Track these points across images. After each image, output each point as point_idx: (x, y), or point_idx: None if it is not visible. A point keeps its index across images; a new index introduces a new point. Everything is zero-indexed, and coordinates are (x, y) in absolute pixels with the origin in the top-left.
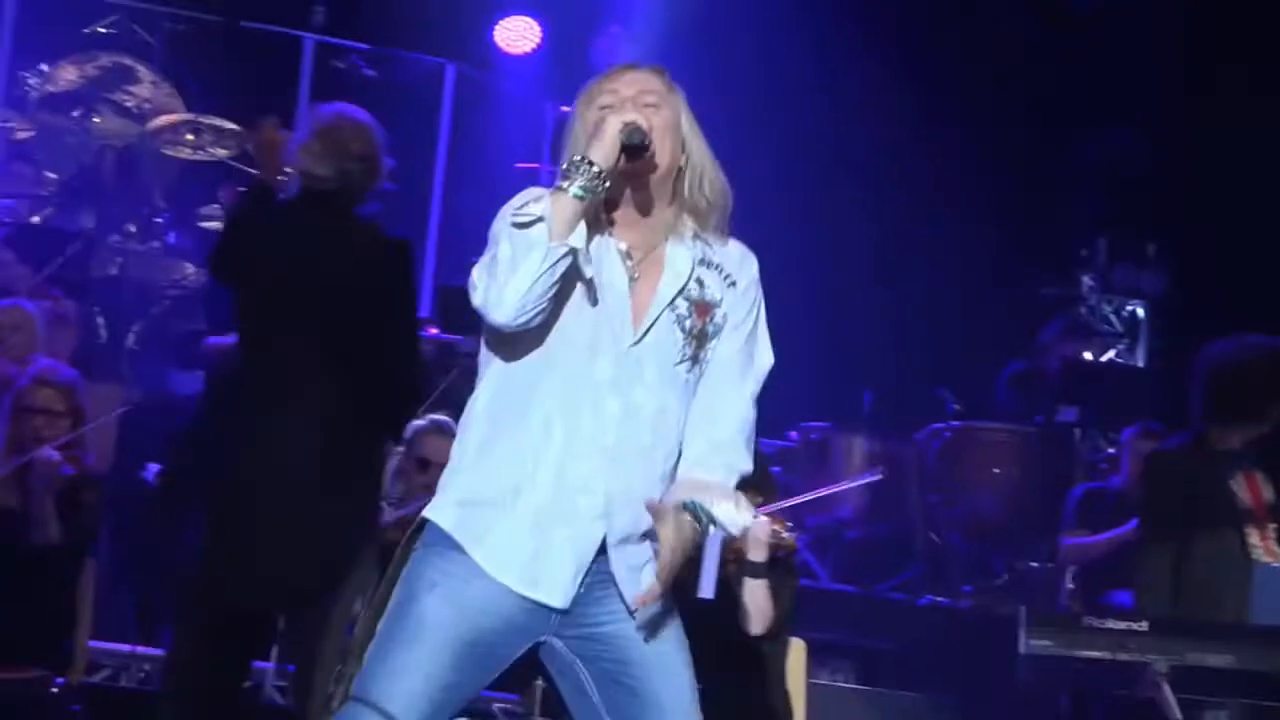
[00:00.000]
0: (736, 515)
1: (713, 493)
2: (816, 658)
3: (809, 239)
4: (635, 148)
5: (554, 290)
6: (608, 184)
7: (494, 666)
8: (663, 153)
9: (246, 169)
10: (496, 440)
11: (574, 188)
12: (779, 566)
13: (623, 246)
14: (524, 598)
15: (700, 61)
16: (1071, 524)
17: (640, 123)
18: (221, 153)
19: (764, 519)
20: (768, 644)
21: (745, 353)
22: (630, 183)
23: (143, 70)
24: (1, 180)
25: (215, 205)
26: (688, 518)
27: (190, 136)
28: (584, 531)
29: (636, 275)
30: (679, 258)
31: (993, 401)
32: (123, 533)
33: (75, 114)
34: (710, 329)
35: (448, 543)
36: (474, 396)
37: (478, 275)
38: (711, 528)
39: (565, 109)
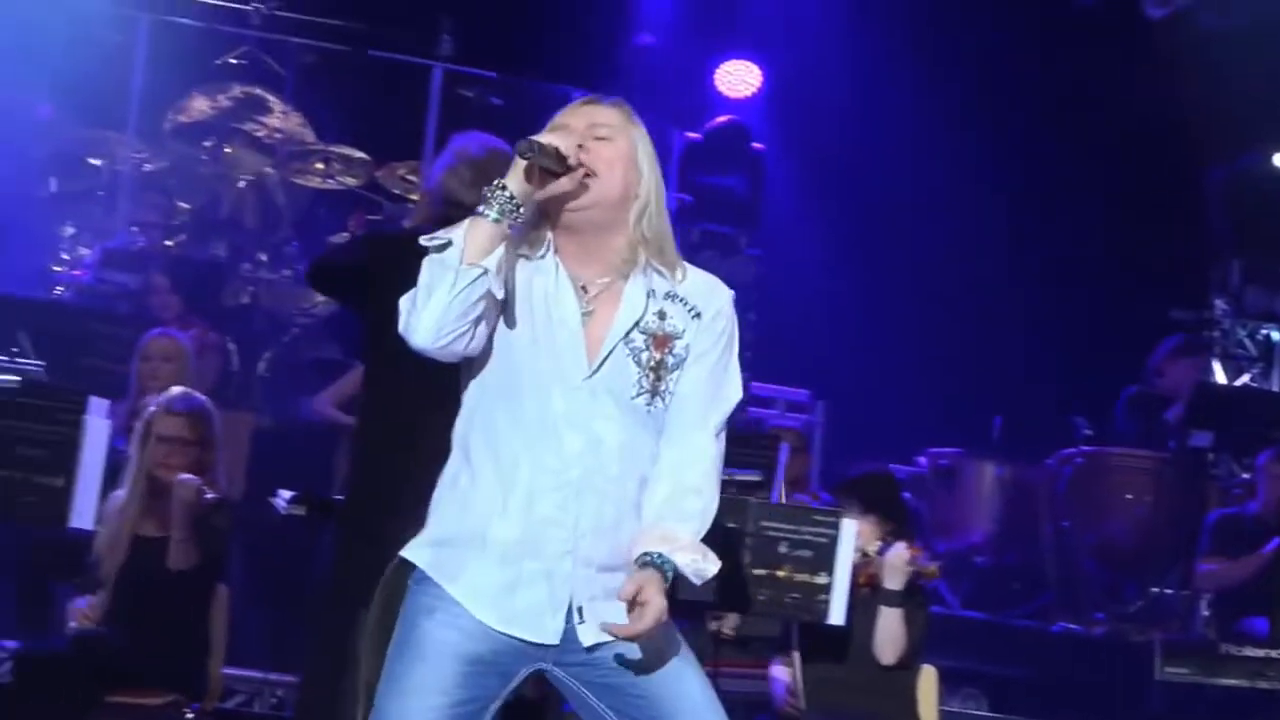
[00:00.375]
0: (702, 566)
1: (678, 544)
2: (948, 685)
3: (938, 263)
4: (542, 165)
5: (474, 313)
6: (521, 209)
7: (502, 686)
8: (611, 182)
9: (374, 197)
10: (469, 476)
11: (490, 212)
12: (915, 596)
13: (578, 281)
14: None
15: (831, 88)
16: (1206, 550)
17: (552, 143)
18: (351, 181)
19: (902, 547)
20: (900, 671)
21: (711, 385)
22: (581, 215)
23: (274, 100)
24: (136, 210)
25: (344, 233)
26: (651, 573)
27: (320, 165)
28: (555, 566)
29: (591, 309)
30: (635, 291)
31: (1119, 421)
32: (254, 559)
33: (207, 144)
34: (670, 360)
35: (434, 579)
36: (455, 430)
37: (403, 302)
38: (686, 578)
39: (692, 135)
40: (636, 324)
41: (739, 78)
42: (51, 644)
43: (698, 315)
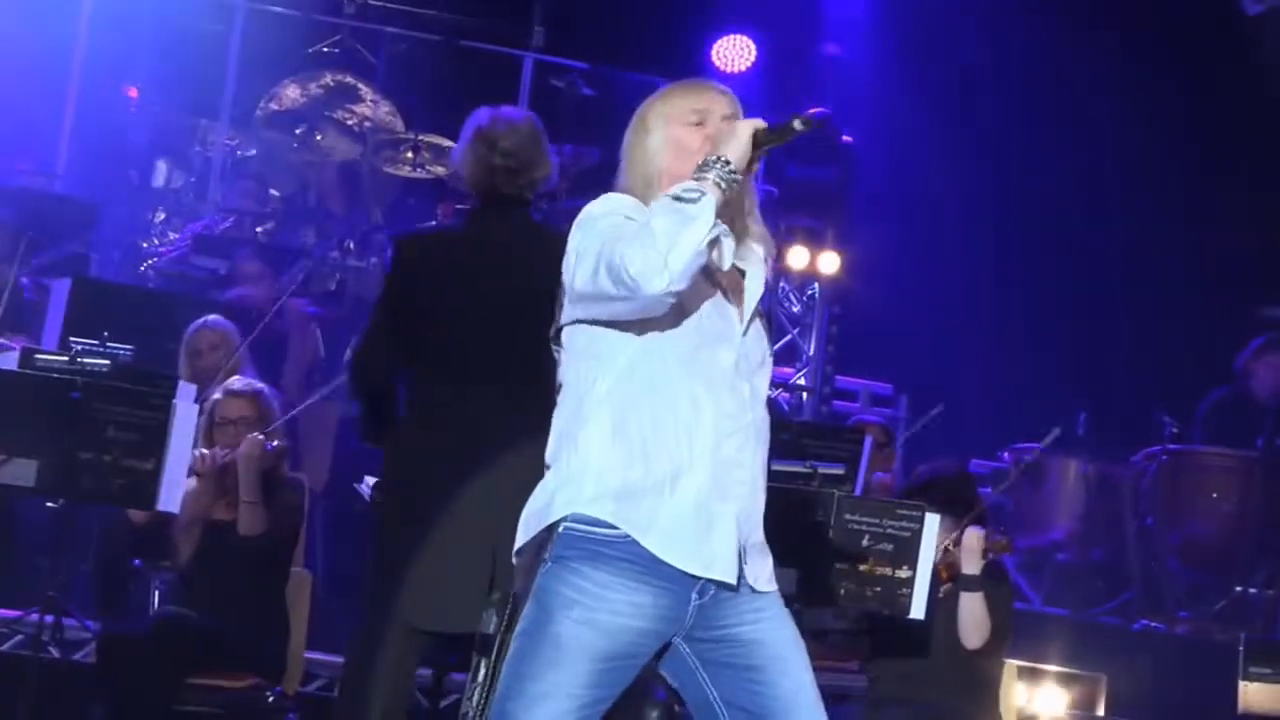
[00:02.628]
0: None
1: None
2: (1028, 681)
3: (1025, 258)
4: (785, 130)
5: (701, 265)
6: (738, 182)
7: (629, 675)
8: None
9: (463, 187)
10: (636, 429)
11: (723, 186)
12: (993, 577)
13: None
14: (667, 593)
15: (920, 77)
16: None
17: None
18: (440, 170)
19: (975, 530)
20: (984, 662)
21: None
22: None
23: (364, 89)
24: (227, 196)
25: (433, 222)
26: None
27: (409, 154)
28: (739, 507)
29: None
30: (757, 258)
31: (1205, 425)
32: (339, 545)
33: (298, 132)
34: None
35: (579, 555)
36: (586, 384)
37: (627, 252)
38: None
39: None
40: (765, 293)
41: (829, 71)
42: (134, 626)
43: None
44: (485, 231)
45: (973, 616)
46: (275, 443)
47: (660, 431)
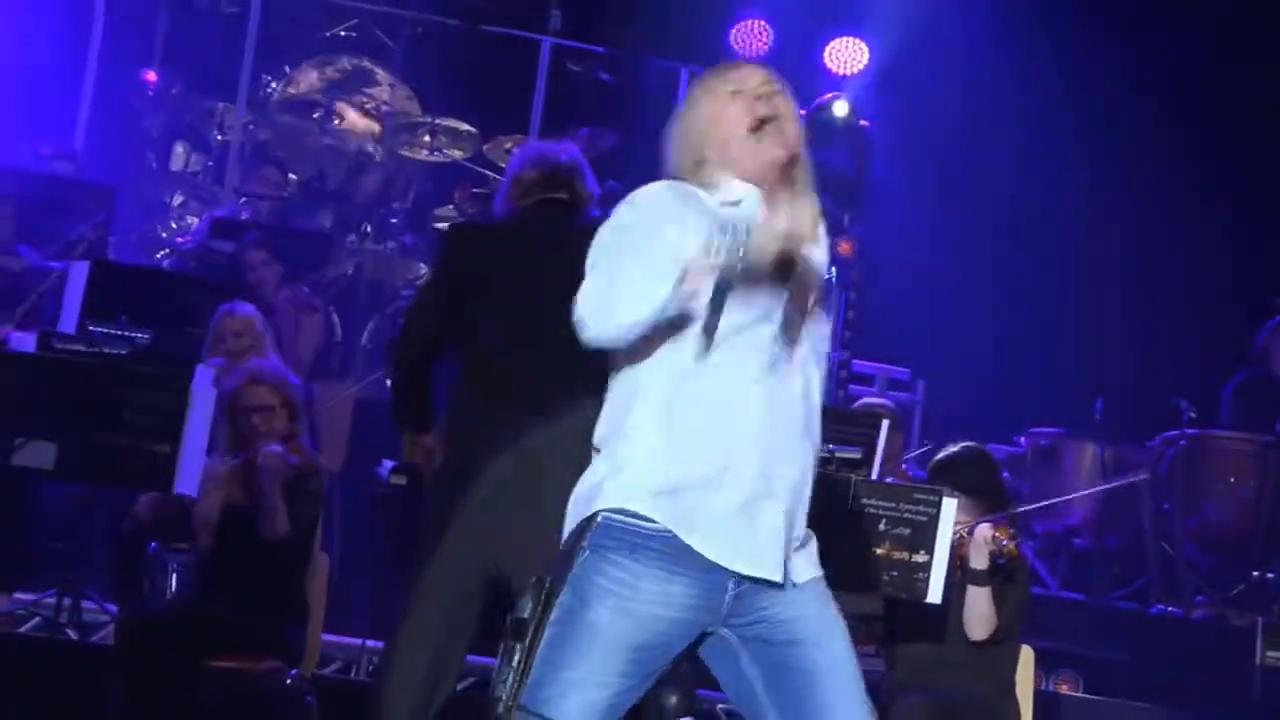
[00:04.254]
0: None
1: None
2: (1044, 666)
3: (1043, 242)
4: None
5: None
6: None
7: (663, 665)
8: (792, 135)
9: (481, 170)
10: (684, 423)
11: (725, 251)
12: (1000, 574)
13: None
14: (701, 586)
15: (939, 66)
16: None
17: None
18: (457, 154)
19: (985, 526)
20: (999, 649)
21: None
22: (777, 171)
23: (381, 73)
24: (244, 180)
25: (450, 206)
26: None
27: (427, 138)
28: (787, 504)
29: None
30: (817, 242)
31: (1233, 407)
32: (356, 528)
33: (315, 116)
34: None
35: (618, 545)
36: (638, 372)
37: (586, 286)
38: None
39: (800, 111)
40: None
41: (848, 55)
42: (153, 609)
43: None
44: (541, 222)
45: (975, 610)
46: (294, 459)
47: (707, 425)
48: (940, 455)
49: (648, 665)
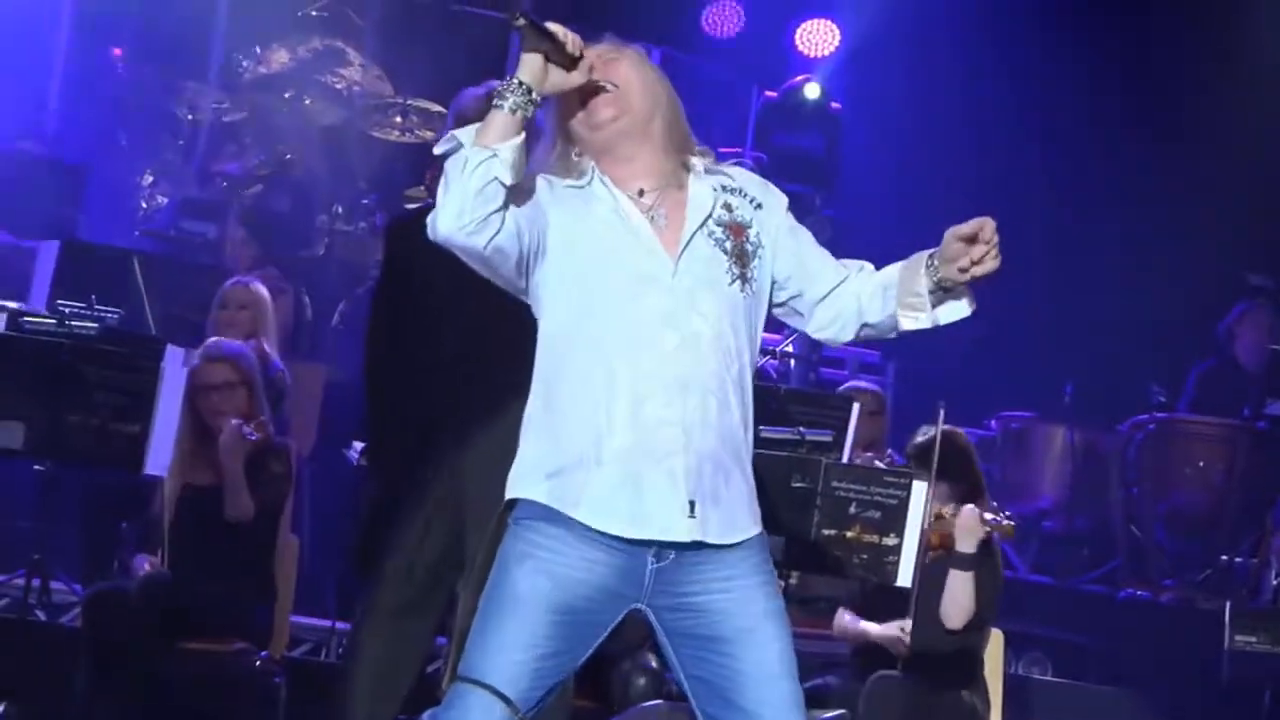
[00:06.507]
0: None
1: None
2: (1013, 649)
3: (1014, 226)
4: (538, 44)
5: (493, 198)
6: (535, 100)
7: (593, 635)
8: (633, 92)
9: None
10: (560, 402)
11: (504, 104)
12: (989, 559)
13: (631, 191)
14: (619, 553)
15: (909, 49)
16: None
17: (552, 26)
18: (428, 135)
19: (971, 508)
20: (970, 632)
21: (815, 245)
22: (614, 129)
23: (352, 53)
24: (214, 160)
25: (421, 187)
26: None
27: (398, 119)
28: (675, 464)
29: (654, 214)
30: (699, 190)
31: (1193, 396)
32: (325, 510)
33: (286, 95)
34: (749, 247)
35: (537, 514)
36: (536, 367)
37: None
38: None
39: (769, 93)
40: (709, 216)
41: (818, 37)
42: (120, 590)
43: (759, 206)
44: None
45: (957, 596)
46: (253, 435)
47: (578, 404)
48: (917, 439)
49: (574, 631)
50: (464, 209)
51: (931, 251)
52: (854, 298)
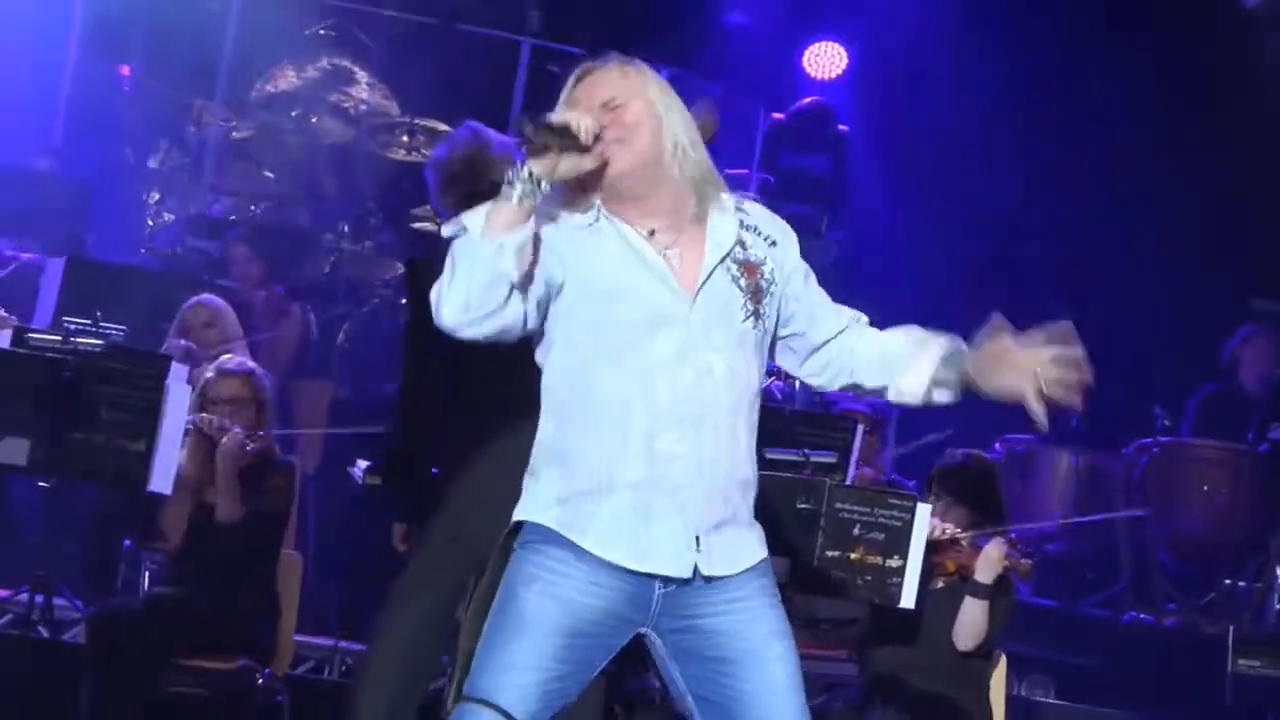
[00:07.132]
0: None
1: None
2: (1016, 671)
3: (1019, 249)
4: (549, 144)
5: (500, 288)
6: (544, 187)
7: (600, 658)
8: (641, 144)
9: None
10: (573, 431)
11: (512, 193)
12: (1003, 590)
13: (644, 231)
14: (627, 580)
15: (917, 71)
16: None
17: (561, 120)
18: None
19: (1000, 543)
20: (975, 659)
21: (820, 292)
22: (625, 182)
23: (360, 72)
24: (221, 178)
25: (427, 206)
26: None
27: (405, 138)
28: (686, 499)
29: (669, 253)
30: (720, 225)
31: (1196, 420)
32: (330, 528)
33: (293, 114)
34: (763, 283)
35: (545, 538)
36: (545, 396)
37: (433, 291)
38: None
39: (776, 115)
40: (728, 254)
41: (826, 59)
42: (124, 607)
43: (774, 244)
44: None
45: (971, 622)
46: (253, 446)
47: (592, 435)
48: (944, 462)
49: (580, 654)
50: (470, 303)
51: (965, 349)
52: (849, 353)
